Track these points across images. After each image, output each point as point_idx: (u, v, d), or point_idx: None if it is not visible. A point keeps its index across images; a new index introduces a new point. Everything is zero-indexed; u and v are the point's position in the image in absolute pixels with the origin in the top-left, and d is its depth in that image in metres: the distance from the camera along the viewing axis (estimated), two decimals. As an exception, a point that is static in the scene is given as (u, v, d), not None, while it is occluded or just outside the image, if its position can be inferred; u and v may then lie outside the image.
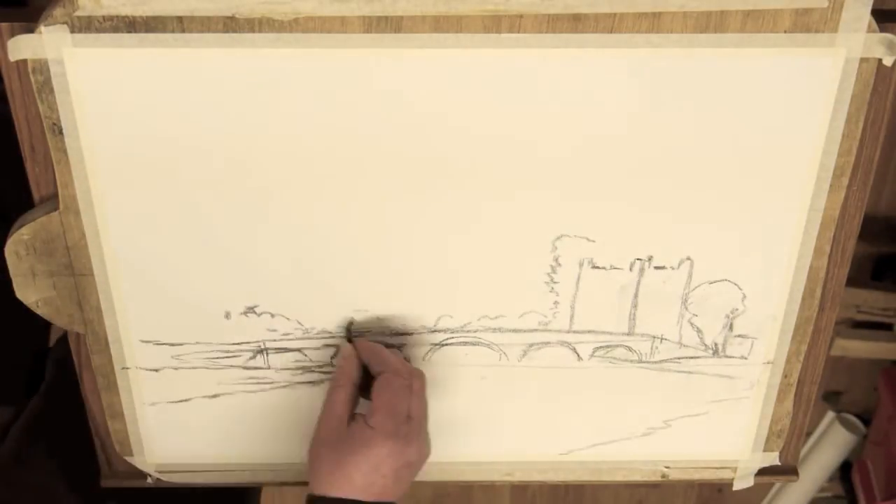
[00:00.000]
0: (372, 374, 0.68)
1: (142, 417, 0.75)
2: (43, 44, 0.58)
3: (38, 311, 0.69)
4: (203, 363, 0.73)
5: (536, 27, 0.59)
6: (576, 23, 0.58)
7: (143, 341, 0.71)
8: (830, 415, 1.60)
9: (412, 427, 0.64)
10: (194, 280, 0.69)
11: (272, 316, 0.71)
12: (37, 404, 0.84)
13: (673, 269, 0.69)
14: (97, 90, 0.60)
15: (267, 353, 0.72)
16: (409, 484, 0.65)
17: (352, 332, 0.71)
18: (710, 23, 0.58)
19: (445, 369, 0.74)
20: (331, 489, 0.63)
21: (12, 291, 0.68)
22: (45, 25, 0.58)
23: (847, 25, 0.58)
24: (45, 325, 0.89)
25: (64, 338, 0.86)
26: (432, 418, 0.68)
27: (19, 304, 0.69)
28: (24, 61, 0.59)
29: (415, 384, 0.67)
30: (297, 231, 0.67)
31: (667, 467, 0.80)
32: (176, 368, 0.73)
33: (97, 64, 0.59)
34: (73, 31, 0.58)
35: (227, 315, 0.70)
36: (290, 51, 0.59)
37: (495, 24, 0.59)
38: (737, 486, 0.80)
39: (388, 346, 0.72)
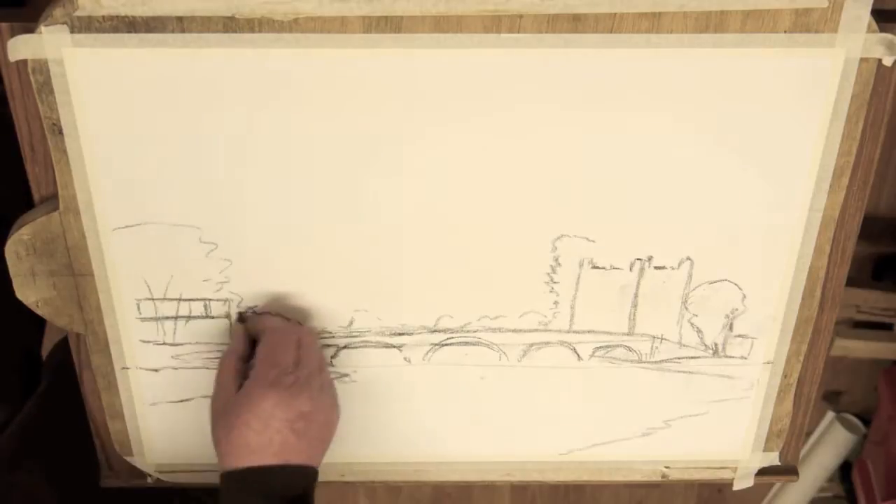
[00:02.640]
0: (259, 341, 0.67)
1: (142, 417, 0.75)
2: (43, 44, 0.58)
3: (38, 312, 0.69)
4: (203, 363, 0.73)
5: (536, 27, 0.59)
6: (576, 23, 0.58)
7: (143, 341, 0.71)
8: (830, 415, 1.60)
9: (300, 376, 0.62)
10: (194, 280, 0.69)
11: (272, 316, 0.70)
12: (32, 409, 0.83)
13: (673, 269, 0.69)
14: (97, 90, 0.60)
15: (267, 353, 0.72)
16: (320, 443, 0.63)
17: (243, 315, 0.70)
18: (710, 23, 0.58)
19: (445, 369, 0.74)
20: (234, 460, 0.61)
21: (4, 291, 0.68)
22: (45, 25, 0.58)
23: (847, 25, 0.58)
24: (38, 325, 0.88)
25: (61, 342, 0.86)
26: (433, 418, 0.68)
27: (11, 304, 0.69)
28: (24, 61, 0.59)
29: (303, 338, 0.66)
30: (296, 231, 0.67)
31: (667, 467, 0.80)
32: (176, 368, 0.73)
33: (97, 64, 0.59)
34: (73, 31, 0.58)
35: (227, 315, 0.70)
36: (290, 51, 0.59)
37: (495, 24, 0.59)
38: (737, 486, 0.80)
39: (387, 346, 0.72)
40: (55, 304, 0.69)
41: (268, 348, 0.65)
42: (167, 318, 0.70)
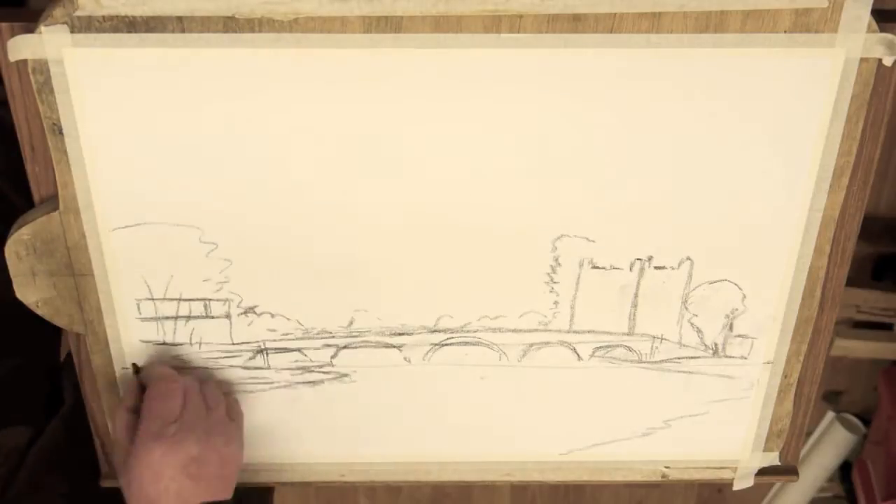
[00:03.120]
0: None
1: (142, 417, 0.75)
2: (43, 44, 0.58)
3: (38, 311, 0.69)
4: (203, 363, 0.73)
5: (536, 27, 0.59)
6: (576, 23, 0.58)
7: (143, 341, 0.71)
8: (830, 415, 1.60)
9: (184, 423, 0.65)
10: (194, 280, 0.69)
11: (272, 316, 0.71)
12: (55, 430, 0.84)
13: (673, 269, 0.69)
14: (97, 90, 0.60)
15: (267, 353, 0.72)
16: (221, 480, 0.65)
17: (137, 367, 0.72)
18: (710, 23, 0.58)
19: (445, 369, 0.74)
20: None
21: (21, 307, 0.68)
22: (45, 25, 0.58)
23: (847, 25, 0.58)
24: (55, 339, 0.88)
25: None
26: (432, 418, 0.68)
27: (29, 319, 0.69)
28: (24, 61, 0.59)
29: (182, 385, 0.68)
30: (296, 230, 0.67)
31: (667, 467, 0.80)
32: (176, 368, 0.73)
33: (97, 64, 0.59)
34: (73, 31, 0.58)
35: (227, 315, 0.70)
36: (290, 51, 0.59)
37: (495, 24, 0.59)
38: (737, 486, 0.80)
39: (387, 346, 0.72)
40: (55, 304, 0.69)
41: (151, 401, 0.67)
42: (167, 318, 0.70)
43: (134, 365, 0.72)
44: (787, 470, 0.81)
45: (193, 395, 0.68)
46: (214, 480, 0.64)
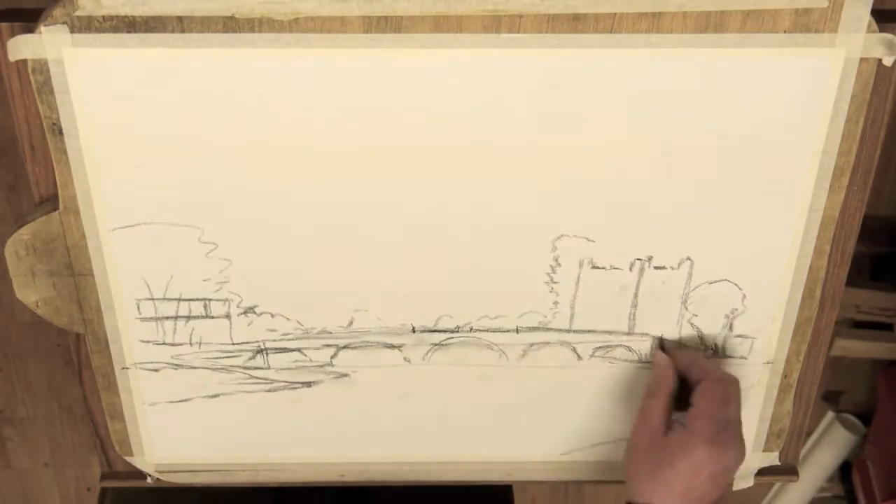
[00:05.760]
0: (690, 382, 0.69)
1: (142, 417, 0.75)
2: (43, 44, 0.58)
3: (38, 311, 0.69)
4: (203, 363, 0.73)
5: (536, 27, 0.59)
6: (576, 23, 0.58)
7: (143, 341, 0.71)
8: (830, 415, 1.60)
9: (730, 432, 0.66)
10: (194, 280, 0.69)
11: (272, 316, 0.71)
12: None
13: (673, 269, 0.69)
14: (97, 90, 0.60)
15: (267, 353, 0.72)
16: (725, 487, 0.67)
17: (664, 343, 0.72)
18: (710, 23, 0.58)
19: (445, 369, 0.74)
20: (651, 496, 0.65)
21: None
22: (45, 25, 0.58)
23: (847, 25, 0.58)
24: None
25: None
26: (433, 418, 0.68)
27: None
28: (24, 61, 0.59)
29: (731, 390, 0.68)
30: (296, 231, 0.67)
31: (667, 467, 0.80)
32: (176, 368, 0.73)
33: (97, 64, 0.59)
34: (72, 31, 0.58)
35: (227, 315, 0.70)
36: (290, 51, 0.59)
37: (495, 24, 0.59)
38: (737, 486, 0.80)
39: (387, 346, 0.72)
40: (55, 304, 0.69)
41: (707, 402, 0.66)
42: (167, 317, 0.70)
43: (661, 340, 0.72)
44: (787, 470, 0.81)
45: (738, 400, 0.68)
46: (721, 488, 0.66)
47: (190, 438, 0.77)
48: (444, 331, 0.72)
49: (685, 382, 0.69)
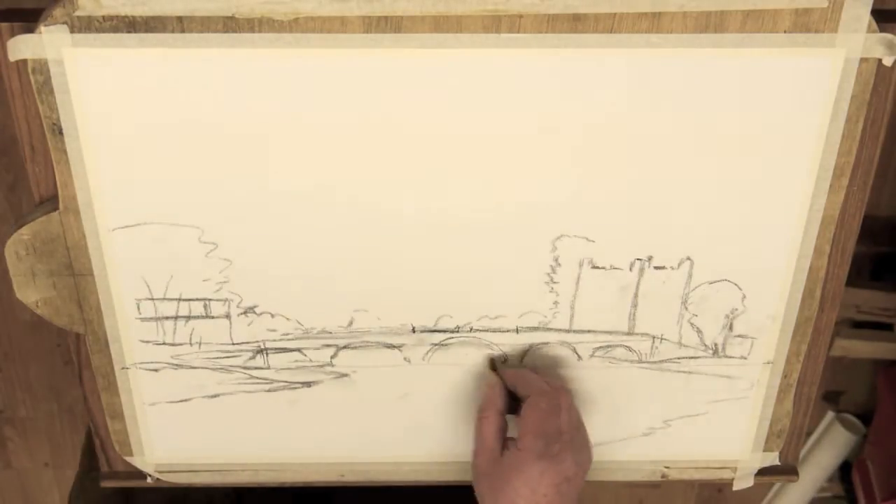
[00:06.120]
0: (519, 398, 0.68)
1: (142, 417, 0.75)
2: (43, 44, 0.58)
3: (38, 311, 0.69)
4: (203, 363, 0.73)
5: (536, 27, 0.59)
6: (576, 23, 0.58)
7: (143, 341, 0.71)
8: (830, 415, 1.60)
9: (563, 443, 0.65)
10: (194, 280, 0.69)
11: (272, 316, 0.71)
12: None
13: (673, 269, 0.69)
14: (97, 90, 0.60)
15: (267, 353, 0.72)
16: (577, 494, 0.67)
17: (495, 363, 0.72)
18: (710, 23, 0.58)
19: (445, 369, 0.74)
20: None
21: None
22: (45, 25, 0.58)
23: (847, 25, 0.58)
24: None
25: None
26: (433, 418, 0.68)
27: None
28: (24, 61, 0.59)
29: (563, 401, 0.67)
30: (296, 230, 0.67)
31: (667, 467, 0.80)
32: (176, 368, 0.73)
33: (97, 64, 0.59)
34: (73, 31, 0.58)
35: (227, 315, 0.70)
36: (290, 51, 0.59)
37: (495, 24, 0.59)
38: (737, 486, 0.80)
39: (387, 346, 0.72)
40: (55, 304, 0.69)
41: (534, 417, 0.66)
42: (167, 317, 0.70)
43: (492, 360, 0.72)
44: (787, 470, 0.81)
45: (572, 411, 0.68)
46: (574, 496, 0.66)
47: (190, 438, 0.77)
48: (444, 331, 0.72)
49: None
